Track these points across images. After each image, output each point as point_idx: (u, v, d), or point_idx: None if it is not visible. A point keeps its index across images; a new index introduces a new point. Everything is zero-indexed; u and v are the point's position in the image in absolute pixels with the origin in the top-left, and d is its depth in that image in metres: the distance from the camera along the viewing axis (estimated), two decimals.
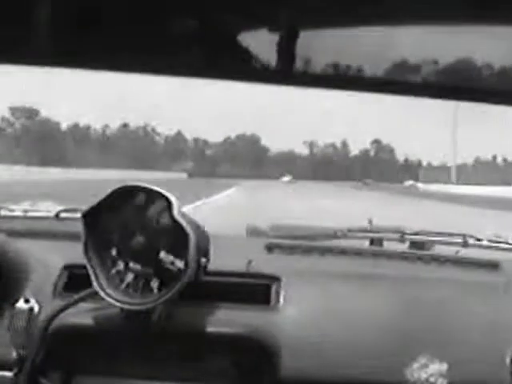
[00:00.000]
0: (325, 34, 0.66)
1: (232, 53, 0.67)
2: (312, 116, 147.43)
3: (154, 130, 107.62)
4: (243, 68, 0.69)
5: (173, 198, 1.18)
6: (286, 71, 0.66)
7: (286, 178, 78.97)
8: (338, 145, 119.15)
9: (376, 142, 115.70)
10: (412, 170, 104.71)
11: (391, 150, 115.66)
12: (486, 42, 0.64)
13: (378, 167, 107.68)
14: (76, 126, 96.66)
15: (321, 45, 0.66)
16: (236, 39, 0.66)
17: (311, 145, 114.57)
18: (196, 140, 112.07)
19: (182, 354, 1.27)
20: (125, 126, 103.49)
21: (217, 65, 0.69)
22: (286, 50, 0.65)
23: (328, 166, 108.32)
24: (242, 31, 0.66)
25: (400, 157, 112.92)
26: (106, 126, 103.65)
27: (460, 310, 1.32)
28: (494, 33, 0.64)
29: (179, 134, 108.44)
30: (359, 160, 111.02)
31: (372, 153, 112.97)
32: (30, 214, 1.86)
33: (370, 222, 1.82)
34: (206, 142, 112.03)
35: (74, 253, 1.28)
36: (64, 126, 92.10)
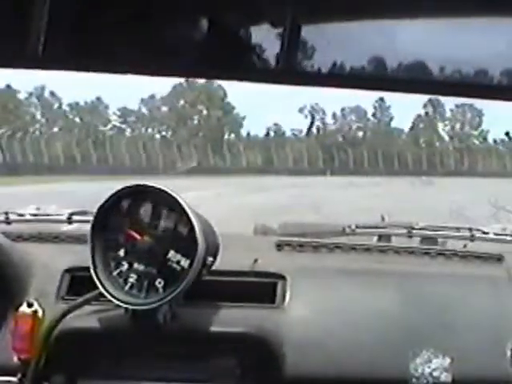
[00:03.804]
0: (329, 32, 0.66)
1: (234, 53, 0.67)
2: None
3: None
4: (245, 67, 0.68)
5: (180, 197, 1.20)
6: (290, 70, 0.66)
7: None
8: (369, 111, 61.99)
9: (432, 102, 61.80)
10: None
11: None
12: (493, 37, 0.63)
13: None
14: None
15: (325, 42, 0.66)
16: (237, 38, 0.66)
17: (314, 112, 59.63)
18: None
19: (188, 353, 1.29)
20: None
21: (217, 65, 0.69)
22: (290, 48, 0.65)
23: (349, 150, 50.01)
24: (245, 30, 0.66)
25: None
26: None
27: (465, 305, 1.37)
28: (503, 27, 0.63)
29: None
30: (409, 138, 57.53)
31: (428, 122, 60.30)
32: (41, 217, 1.85)
33: (383, 218, 1.82)
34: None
35: (78, 255, 1.31)
36: None
